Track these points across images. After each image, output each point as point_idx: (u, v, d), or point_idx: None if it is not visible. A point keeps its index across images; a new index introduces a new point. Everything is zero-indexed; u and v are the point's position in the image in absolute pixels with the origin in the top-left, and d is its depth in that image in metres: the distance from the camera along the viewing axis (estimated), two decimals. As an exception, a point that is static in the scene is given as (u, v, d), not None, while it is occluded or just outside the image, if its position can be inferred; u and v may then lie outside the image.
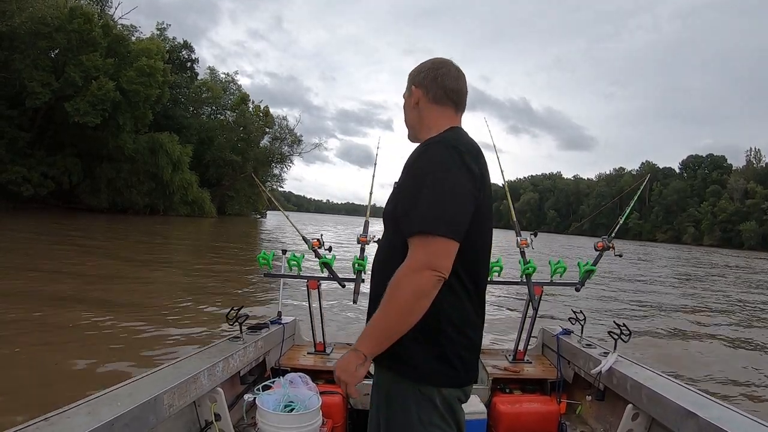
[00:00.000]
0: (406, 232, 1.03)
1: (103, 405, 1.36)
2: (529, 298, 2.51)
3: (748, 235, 69.75)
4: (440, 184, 1.02)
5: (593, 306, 8.06)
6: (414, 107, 1.23)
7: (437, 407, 1.09)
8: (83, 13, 24.27)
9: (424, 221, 1.00)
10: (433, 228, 0.99)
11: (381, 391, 1.15)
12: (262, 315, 5.00)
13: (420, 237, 1.00)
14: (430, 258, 0.99)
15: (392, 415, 1.12)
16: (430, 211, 1.00)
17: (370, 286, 1.23)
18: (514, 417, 2.27)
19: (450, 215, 1.01)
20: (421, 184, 1.03)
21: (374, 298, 1.19)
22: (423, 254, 0.99)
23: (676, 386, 1.82)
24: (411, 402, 1.09)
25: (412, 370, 1.08)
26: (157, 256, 11.61)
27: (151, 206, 30.34)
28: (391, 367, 1.11)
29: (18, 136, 24.26)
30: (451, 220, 1.01)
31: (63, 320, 4.99)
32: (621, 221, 2.68)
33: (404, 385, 1.10)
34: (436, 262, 0.98)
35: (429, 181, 1.02)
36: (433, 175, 1.03)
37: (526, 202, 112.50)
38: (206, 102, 41.96)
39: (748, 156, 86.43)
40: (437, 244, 0.99)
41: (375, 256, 1.25)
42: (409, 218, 1.03)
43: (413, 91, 1.22)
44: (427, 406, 1.08)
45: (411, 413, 1.08)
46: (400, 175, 1.14)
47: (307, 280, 2.61)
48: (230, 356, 2.04)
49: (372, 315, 1.09)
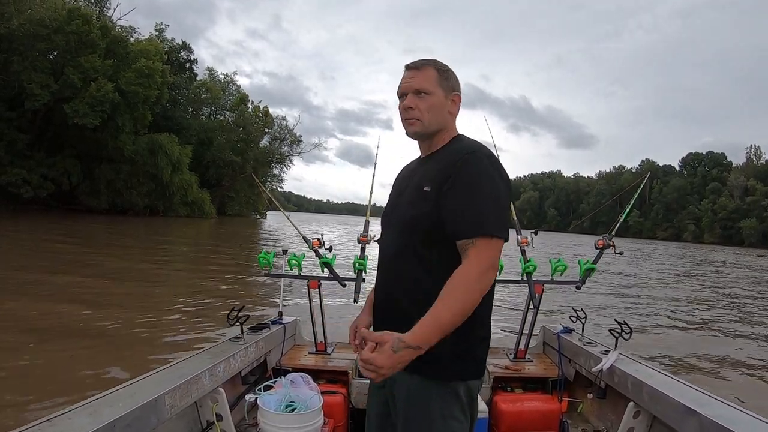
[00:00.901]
0: (464, 233, 1.08)
1: (104, 406, 1.36)
2: (529, 297, 2.51)
3: (749, 232, 69.75)
4: (496, 190, 1.11)
5: (594, 304, 8.06)
6: (450, 113, 1.24)
7: (460, 399, 1.12)
8: (82, 15, 24.27)
9: (488, 224, 1.07)
10: (496, 230, 1.08)
11: (399, 391, 1.14)
12: (262, 315, 5.00)
13: (486, 239, 1.07)
14: (494, 260, 1.07)
15: (412, 414, 1.12)
16: (492, 215, 1.08)
17: (382, 284, 1.22)
18: (515, 415, 2.27)
19: (503, 219, 1.12)
20: (480, 189, 1.10)
21: (386, 298, 1.20)
22: (489, 256, 1.07)
23: (677, 384, 1.82)
24: (434, 396, 1.10)
25: (441, 369, 1.10)
26: (156, 257, 11.61)
27: (151, 207, 30.33)
28: (415, 369, 1.07)
29: (17, 137, 24.26)
30: (504, 223, 1.11)
31: (62, 321, 4.99)
32: (621, 219, 2.68)
33: (427, 383, 1.11)
34: (497, 262, 1.08)
35: (487, 188, 1.10)
36: (490, 182, 1.11)
37: (527, 200, 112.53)
38: (205, 103, 41.94)
39: (748, 153, 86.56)
40: (498, 246, 1.09)
41: (384, 253, 1.24)
42: (471, 220, 1.08)
43: (457, 99, 1.24)
44: (450, 400, 1.11)
45: (433, 408, 1.10)
46: (437, 177, 1.13)
47: (307, 279, 2.61)
48: (231, 356, 2.04)
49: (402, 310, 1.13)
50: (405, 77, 1.23)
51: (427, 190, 1.14)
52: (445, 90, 1.22)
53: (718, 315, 8.40)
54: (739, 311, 9.00)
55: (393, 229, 1.23)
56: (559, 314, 6.21)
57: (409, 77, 1.22)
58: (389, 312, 1.21)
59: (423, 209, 1.14)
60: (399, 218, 1.21)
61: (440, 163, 1.17)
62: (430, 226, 1.12)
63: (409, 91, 1.21)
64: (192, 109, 40.74)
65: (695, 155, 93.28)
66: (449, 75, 1.23)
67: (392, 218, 1.26)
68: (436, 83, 1.20)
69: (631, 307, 8.49)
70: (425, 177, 1.18)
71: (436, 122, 1.21)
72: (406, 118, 1.22)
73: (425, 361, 1.05)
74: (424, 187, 1.15)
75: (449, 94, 1.22)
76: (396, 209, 1.26)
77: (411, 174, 1.28)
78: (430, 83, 1.20)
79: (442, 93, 1.21)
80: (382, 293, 1.24)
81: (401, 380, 1.12)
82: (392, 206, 1.29)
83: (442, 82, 1.21)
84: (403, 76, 1.24)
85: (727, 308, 9.28)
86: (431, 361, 1.06)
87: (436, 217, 1.11)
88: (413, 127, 1.22)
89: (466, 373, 1.13)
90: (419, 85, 1.20)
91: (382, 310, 1.23)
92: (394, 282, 1.19)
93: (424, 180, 1.17)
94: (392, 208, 1.29)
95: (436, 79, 1.21)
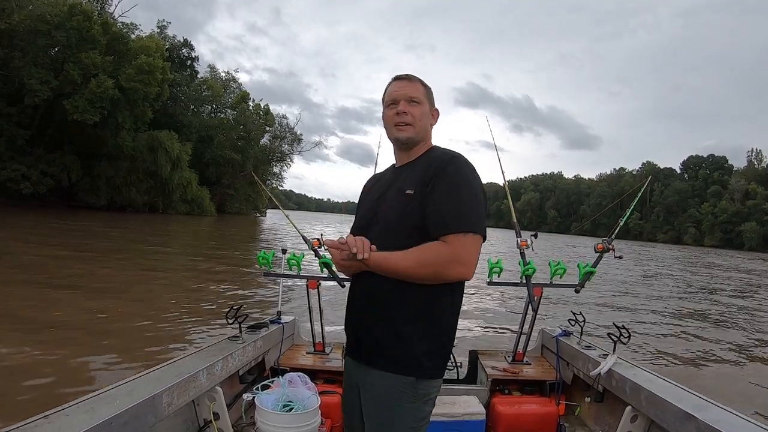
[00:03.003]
0: (447, 228, 1.14)
1: (102, 403, 1.36)
2: (528, 300, 2.51)
3: (749, 236, 69.77)
4: (476, 192, 1.19)
5: (593, 307, 8.06)
6: (431, 126, 1.35)
7: (431, 399, 1.21)
8: (83, 11, 24.25)
9: (469, 221, 1.14)
10: (477, 227, 1.15)
11: (373, 393, 1.20)
12: (261, 314, 5.00)
13: (466, 234, 1.13)
14: (471, 255, 1.14)
15: (388, 416, 1.17)
16: (473, 213, 1.16)
17: (369, 282, 1.23)
18: (513, 418, 2.28)
19: (482, 217, 1.19)
20: (464, 191, 1.17)
21: (373, 293, 1.21)
22: (467, 250, 1.13)
23: (675, 388, 1.82)
24: (409, 399, 1.17)
25: (416, 368, 1.17)
26: (155, 255, 11.60)
27: (150, 204, 30.32)
28: (391, 368, 1.17)
29: (17, 133, 24.25)
30: (483, 221, 1.18)
31: (60, 319, 4.99)
32: (621, 223, 2.68)
33: (401, 384, 1.16)
34: (473, 259, 1.14)
35: (468, 189, 1.18)
36: (472, 183, 1.19)
37: (527, 202, 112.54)
38: (206, 100, 41.94)
39: (749, 157, 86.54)
40: (478, 242, 1.16)
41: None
42: (453, 217, 1.14)
43: (435, 113, 1.36)
44: (426, 401, 1.19)
45: (409, 410, 1.17)
46: (419, 180, 1.20)
47: (306, 279, 2.61)
48: (229, 355, 2.04)
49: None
50: (396, 86, 1.31)
51: (410, 192, 1.21)
52: (430, 104, 1.34)
53: (718, 319, 8.41)
54: (738, 316, 9.00)
55: (375, 229, 1.25)
56: (557, 317, 6.21)
57: (401, 86, 1.31)
58: (367, 308, 1.24)
59: (406, 210, 1.20)
60: (383, 219, 1.25)
61: (420, 169, 1.25)
62: (413, 226, 1.18)
63: (402, 98, 1.28)
64: (193, 106, 40.72)
65: (696, 158, 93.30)
66: (431, 92, 1.35)
67: (373, 219, 1.28)
68: (425, 96, 1.32)
69: (629, 311, 8.49)
70: (406, 181, 1.24)
71: (423, 130, 1.31)
72: (399, 123, 1.28)
73: (399, 360, 1.16)
74: (406, 190, 1.22)
75: (432, 108, 1.35)
76: (378, 214, 1.28)
77: (389, 181, 1.33)
78: (421, 94, 1.31)
79: (428, 105, 1.33)
80: (359, 288, 1.27)
81: (371, 377, 1.20)
82: (372, 212, 1.30)
83: (428, 96, 1.33)
84: (393, 85, 1.32)
85: (727, 312, 9.28)
86: (405, 361, 1.16)
87: (419, 216, 1.18)
88: (406, 132, 1.28)
89: (441, 371, 1.22)
90: (413, 93, 1.29)
91: (371, 302, 1.24)
92: (373, 280, 1.20)
93: (405, 184, 1.24)
94: (372, 213, 1.30)
95: (424, 92, 1.32)
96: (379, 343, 1.19)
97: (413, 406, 1.17)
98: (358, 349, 1.27)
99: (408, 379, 1.16)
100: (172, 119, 34.65)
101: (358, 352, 1.27)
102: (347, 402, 1.34)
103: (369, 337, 1.22)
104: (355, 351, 1.28)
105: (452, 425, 2.12)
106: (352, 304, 1.30)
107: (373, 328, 1.21)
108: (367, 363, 1.22)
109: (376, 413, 1.20)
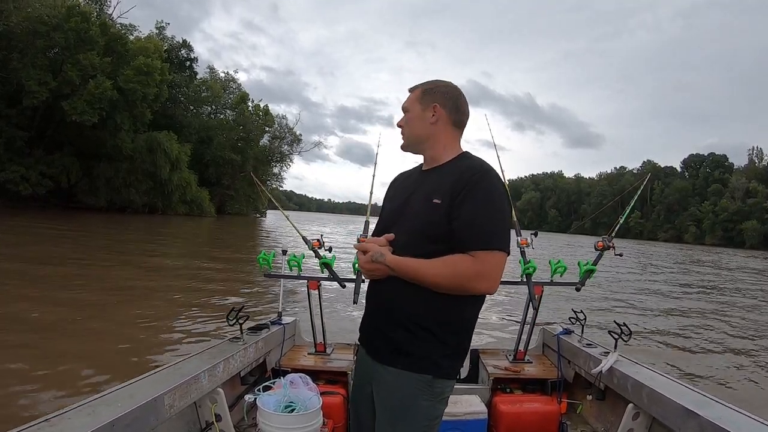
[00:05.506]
0: (476, 244, 1.15)
1: (103, 406, 1.36)
2: (529, 298, 2.51)
3: (750, 234, 69.81)
4: (504, 209, 1.21)
5: (594, 305, 8.06)
6: (432, 124, 1.30)
7: (445, 399, 1.23)
8: (81, 12, 24.25)
9: (497, 239, 1.16)
10: (504, 245, 1.17)
11: (389, 388, 1.21)
12: (262, 315, 5.00)
13: (495, 252, 1.15)
14: (496, 272, 1.15)
15: (402, 410, 1.19)
16: (502, 231, 1.18)
17: (378, 289, 1.25)
18: (514, 417, 2.28)
19: (508, 235, 1.21)
20: (495, 207, 1.18)
21: (395, 298, 1.22)
22: (493, 265, 1.15)
23: (676, 385, 1.82)
24: (425, 397, 1.19)
25: (433, 367, 1.19)
26: (154, 256, 11.59)
27: (150, 205, 30.29)
28: (409, 367, 1.19)
29: (16, 135, 24.23)
30: (508, 239, 1.20)
31: (60, 320, 4.99)
32: (621, 221, 2.67)
33: (417, 382, 1.18)
34: (497, 275, 1.16)
35: (498, 206, 1.19)
36: (502, 201, 1.20)
37: (528, 201, 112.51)
38: (206, 101, 41.91)
39: (750, 155, 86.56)
40: (503, 259, 1.17)
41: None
42: (483, 233, 1.15)
43: (437, 109, 1.30)
44: (441, 399, 1.21)
45: (423, 407, 1.19)
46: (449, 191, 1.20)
47: (307, 280, 2.61)
48: (231, 357, 2.04)
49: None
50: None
51: (437, 202, 1.21)
52: (423, 104, 1.31)
53: (719, 316, 8.41)
54: (739, 313, 9.00)
55: (398, 233, 1.26)
56: (558, 315, 6.21)
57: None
58: (390, 311, 1.24)
59: (432, 218, 1.20)
60: (407, 224, 1.25)
61: (449, 177, 1.23)
62: (437, 234, 1.19)
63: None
64: (192, 107, 40.70)
65: (697, 156, 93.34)
66: (435, 91, 1.31)
67: (398, 222, 1.28)
68: (416, 101, 1.32)
69: (630, 309, 8.50)
70: (434, 189, 1.24)
71: (413, 134, 1.33)
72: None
73: (418, 360, 1.18)
74: (433, 199, 1.22)
75: (428, 106, 1.31)
76: (403, 217, 1.28)
77: (415, 184, 1.33)
78: (410, 102, 1.33)
79: (419, 107, 1.31)
80: (381, 289, 1.26)
81: (387, 376, 1.22)
82: (397, 213, 1.31)
83: (422, 99, 1.31)
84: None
85: (728, 309, 9.28)
86: (422, 361, 1.18)
87: (444, 226, 1.18)
88: (401, 142, 1.36)
89: (455, 371, 1.24)
90: (405, 104, 1.35)
91: (388, 307, 1.25)
92: (396, 284, 1.21)
93: (433, 192, 1.23)
94: (397, 215, 1.30)
95: (418, 97, 1.32)
96: (399, 346, 1.20)
97: (428, 404, 1.19)
98: (376, 348, 1.27)
99: (425, 377, 1.18)
100: (172, 120, 34.62)
101: (376, 351, 1.27)
102: (356, 397, 1.35)
103: (388, 339, 1.23)
104: (373, 350, 1.28)
105: (454, 424, 2.12)
106: (373, 305, 1.31)
107: (393, 331, 1.22)
108: (384, 362, 1.22)
109: (390, 407, 1.21)
